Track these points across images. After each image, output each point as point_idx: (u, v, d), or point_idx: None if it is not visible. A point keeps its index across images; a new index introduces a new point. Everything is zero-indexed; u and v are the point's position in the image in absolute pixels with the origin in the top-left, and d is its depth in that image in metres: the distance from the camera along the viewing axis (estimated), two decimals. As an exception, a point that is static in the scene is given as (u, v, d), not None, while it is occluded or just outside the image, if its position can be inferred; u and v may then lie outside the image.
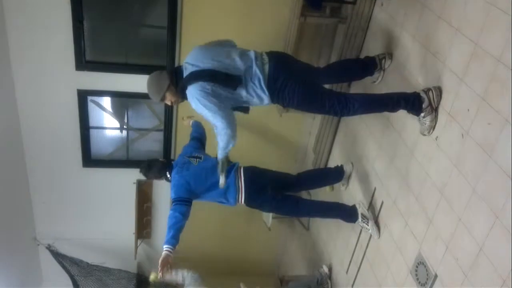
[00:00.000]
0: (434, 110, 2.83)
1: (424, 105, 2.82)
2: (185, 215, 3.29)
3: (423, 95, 2.84)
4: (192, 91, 2.83)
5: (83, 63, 4.49)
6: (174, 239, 3.16)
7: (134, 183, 5.33)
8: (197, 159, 3.65)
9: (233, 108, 3.02)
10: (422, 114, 2.86)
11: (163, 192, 5.43)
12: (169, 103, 3.09)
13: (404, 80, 3.22)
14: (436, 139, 2.86)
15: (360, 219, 3.56)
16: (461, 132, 2.61)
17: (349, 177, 3.99)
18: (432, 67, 2.92)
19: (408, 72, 3.19)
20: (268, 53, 3.02)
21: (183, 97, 3.02)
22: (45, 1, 4.14)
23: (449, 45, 2.74)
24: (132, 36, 4.62)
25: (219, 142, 3.01)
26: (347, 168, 3.96)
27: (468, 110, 2.56)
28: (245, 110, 3.14)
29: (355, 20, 3.76)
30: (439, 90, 2.82)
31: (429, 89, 2.84)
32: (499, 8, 2.34)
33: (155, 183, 5.41)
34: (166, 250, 3.10)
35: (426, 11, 3.00)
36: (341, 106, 2.94)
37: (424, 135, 2.95)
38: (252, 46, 3.11)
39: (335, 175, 3.98)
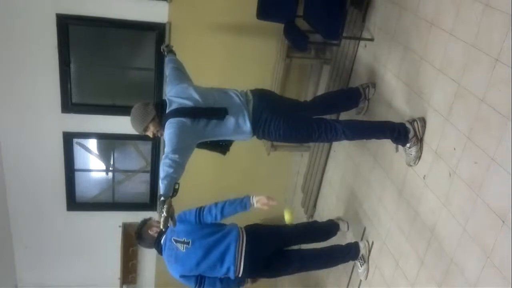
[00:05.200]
0: (419, 140, 2.87)
1: (410, 135, 2.86)
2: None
3: (408, 125, 2.88)
4: (170, 123, 2.81)
5: (69, 105, 4.49)
6: None
7: (119, 226, 5.21)
8: (185, 245, 3.10)
9: (212, 145, 2.97)
10: (408, 145, 2.89)
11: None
12: (150, 134, 2.98)
13: (389, 114, 3.25)
14: (424, 178, 2.86)
15: (358, 259, 3.51)
16: (448, 171, 2.61)
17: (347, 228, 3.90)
18: (417, 106, 2.95)
19: (393, 108, 3.22)
20: (252, 90, 3.05)
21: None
22: (32, 44, 4.16)
23: (433, 85, 2.79)
24: (119, 78, 4.65)
25: (160, 172, 2.65)
26: (343, 227, 3.82)
27: (454, 149, 2.57)
28: (224, 149, 3.08)
29: (339, 61, 3.83)
30: (423, 121, 2.86)
31: (414, 120, 2.89)
32: (479, 50, 2.40)
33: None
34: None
35: (408, 52, 3.06)
36: (327, 132, 2.94)
37: (410, 165, 2.96)
38: (238, 87, 3.13)
39: (333, 230, 3.80)
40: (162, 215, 2.26)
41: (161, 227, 2.29)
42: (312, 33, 3.70)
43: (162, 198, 2.31)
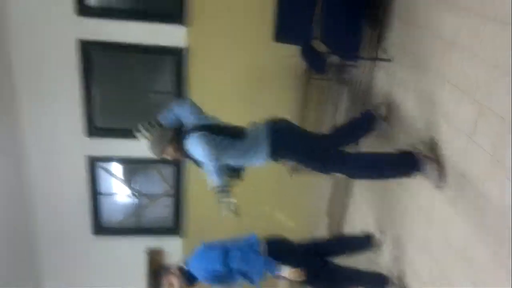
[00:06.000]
0: (435, 161, 2.77)
1: (425, 163, 2.79)
2: None
3: (421, 153, 2.83)
4: (195, 138, 2.77)
5: (92, 129, 4.55)
6: None
7: (144, 251, 5.18)
8: None
9: (228, 170, 2.91)
10: (427, 169, 2.79)
11: (176, 260, 5.25)
12: (169, 156, 2.97)
13: (407, 136, 3.14)
14: (453, 200, 2.66)
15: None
16: (476, 193, 2.40)
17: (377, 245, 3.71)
18: (436, 125, 2.81)
19: (414, 131, 3.07)
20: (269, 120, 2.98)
21: (185, 150, 2.91)
22: (55, 70, 4.27)
23: (454, 104, 2.63)
24: (140, 102, 4.68)
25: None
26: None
27: (481, 170, 2.37)
28: (239, 174, 3.01)
29: (357, 81, 3.73)
30: (435, 142, 2.80)
31: (426, 143, 2.83)
32: (500, 69, 2.23)
33: (167, 252, 5.24)
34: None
35: (427, 72, 2.92)
36: (340, 168, 2.92)
37: (440, 187, 2.77)
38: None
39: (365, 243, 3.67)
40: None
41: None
42: (329, 54, 3.61)
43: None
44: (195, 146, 2.78)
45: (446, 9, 2.72)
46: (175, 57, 4.31)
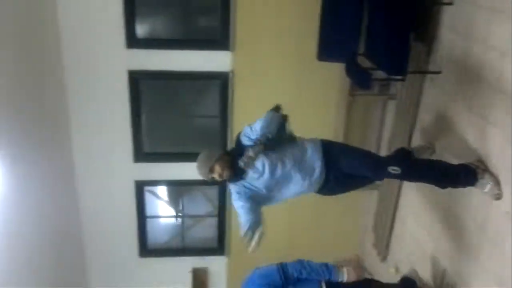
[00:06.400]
0: (487, 171, 2.80)
1: (479, 175, 2.80)
2: None
3: (474, 164, 2.85)
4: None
5: (140, 155, 4.69)
6: None
7: (189, 271, 5.25)
8: None
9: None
10: (481, 181, 2.80)
11: (220, 280, 5.31)
12: (217, 176, 2.84)
13: (461, 153, 3.14)
14: (507, 213, 2.67)
15: None
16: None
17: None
18: (491, 138, 2.82)
19: (466, 144, 3.09)
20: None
21: (236, 171, 2.84)
22: (106, 100, 4.45)
23: (508, 116, 2.65)
24: (186, 126, 4.83)
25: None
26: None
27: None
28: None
29: (405, 97, 3.75)
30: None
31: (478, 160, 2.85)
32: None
33: (211, 271, 5.30)
34: None
35: (480, 84, 2.94)
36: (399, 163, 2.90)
37: (498, 198, 2.75)
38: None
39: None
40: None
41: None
42: (374, 69, 3.67)
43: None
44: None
45: (496, 18, 2.75)
46: (220, 81, 4.44)
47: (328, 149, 2.94)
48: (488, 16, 2.85)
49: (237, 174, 2.87)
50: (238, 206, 2.85)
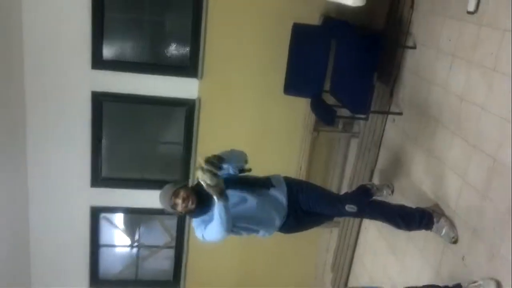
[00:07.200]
0: (443, 215, 2.83)
1: (435, 218, 2.83)
2: None
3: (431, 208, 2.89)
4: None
5: (99, 179, 4.54)
6: None
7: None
8: None
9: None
10: (437, 225, 2.82)
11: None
12: (180, 202, 2.58)
13: (418, 195, 3.16)
14: (463, 259, 2.67)
15: None
16: (489, 252, 2.44)
17: None
18: (449, 182, 2.85)
19: (424, 187, 3.11)
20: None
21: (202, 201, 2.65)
22: (67, 120, 4.32)
23: (467, 160, 2.69)
24: (148, 153, 4.72)
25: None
26: None
27: (494, 228, 2.41)
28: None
29: (367, 135, 3.81)
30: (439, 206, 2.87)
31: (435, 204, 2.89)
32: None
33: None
34: None
35: (439, 127, 3.00)
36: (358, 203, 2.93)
37: (454, 241, 2.75)
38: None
39: None
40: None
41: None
42: (339, 107, 3.72)
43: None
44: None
45: (457, 64, 2.83)
46: (186, 108, 4.39)
47: (289, 186, 2.91)
48: (448, 62, 2.93)
49: (202, 201, 2.66)
50: (213, 225, 2.60)
